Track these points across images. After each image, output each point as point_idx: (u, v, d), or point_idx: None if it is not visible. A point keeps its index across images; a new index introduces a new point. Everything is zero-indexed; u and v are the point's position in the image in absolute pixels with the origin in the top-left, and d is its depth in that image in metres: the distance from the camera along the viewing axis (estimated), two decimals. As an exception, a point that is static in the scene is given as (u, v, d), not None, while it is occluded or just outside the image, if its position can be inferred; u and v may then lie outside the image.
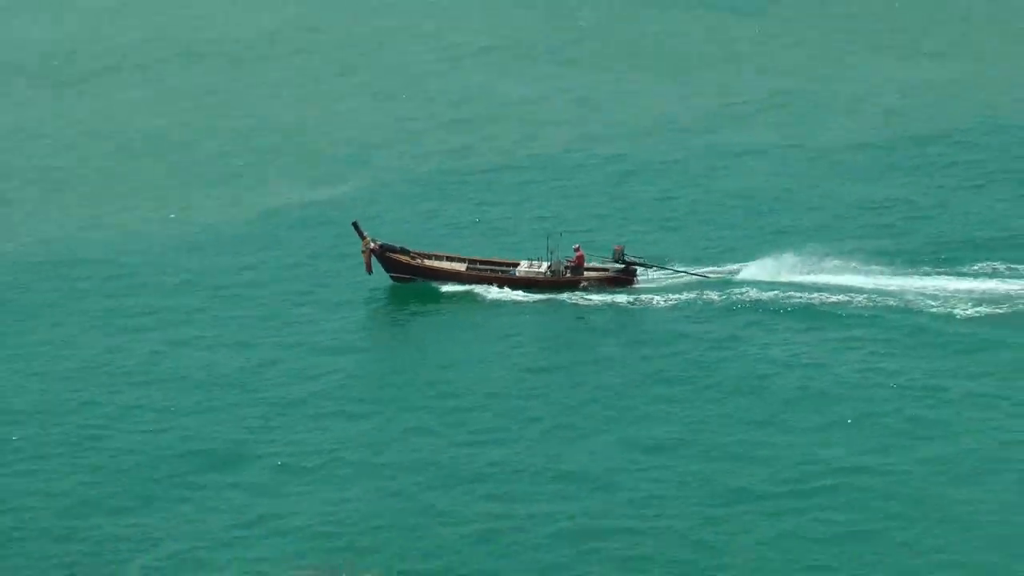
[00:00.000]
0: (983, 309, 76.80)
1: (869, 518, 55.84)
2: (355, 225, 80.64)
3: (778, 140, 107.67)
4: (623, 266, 79.35)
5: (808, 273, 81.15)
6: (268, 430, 63.76)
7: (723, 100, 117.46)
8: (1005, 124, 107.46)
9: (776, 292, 79.64)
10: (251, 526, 55.15)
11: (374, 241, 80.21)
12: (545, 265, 79.78)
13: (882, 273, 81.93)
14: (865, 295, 79.14)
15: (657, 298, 79.39)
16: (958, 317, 75.97)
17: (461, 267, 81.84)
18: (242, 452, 61.86)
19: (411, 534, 54.66)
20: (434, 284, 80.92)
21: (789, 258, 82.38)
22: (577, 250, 79.23)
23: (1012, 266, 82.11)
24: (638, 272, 79.96)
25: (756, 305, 78.36)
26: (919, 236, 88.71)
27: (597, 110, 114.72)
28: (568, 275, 79.09)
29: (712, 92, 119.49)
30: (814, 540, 54.04)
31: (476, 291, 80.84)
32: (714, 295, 79.61)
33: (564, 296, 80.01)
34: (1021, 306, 77.36)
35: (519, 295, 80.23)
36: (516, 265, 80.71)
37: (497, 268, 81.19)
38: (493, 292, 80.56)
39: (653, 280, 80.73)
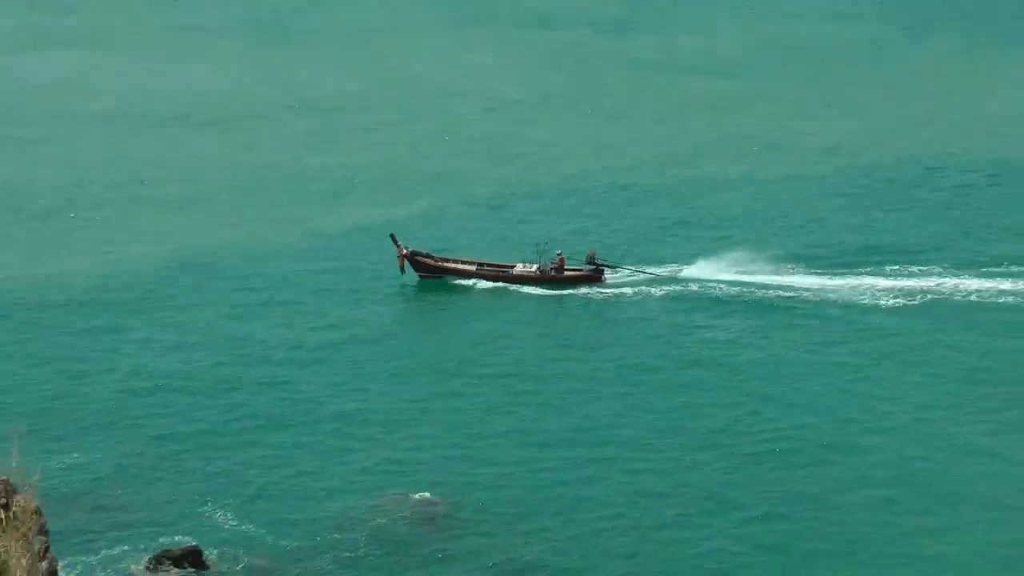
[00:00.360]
0: (889, 301, 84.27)
1: (768, 453, 65.10)
2: (392, 236, 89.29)
3: (735, 171, 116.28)
4: (593, 267, 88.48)
5: (738, 273, 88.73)
6: (352, 390, 72.39)
7: (701, 140, 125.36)
8: (914, 161, 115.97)
9: (711, 285, 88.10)
10: (346, 463, 64.01)
11: (406, 248, 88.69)
12: (535, 266, 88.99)
13: (797, 272, 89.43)
14: (780, 290, 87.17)
15: (621, 290, 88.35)
16: (860, 307, 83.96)
17: (472, 267, 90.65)
18: (322, 408, 70.36)
19: (463, 469, 63.07)
20: (450, 280, 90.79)
21: (724, 259, 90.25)
22: (559, 254, 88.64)
23: (921, 268, 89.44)
24: (605, 271, 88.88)
25: (693, 294, 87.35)
26: (838, 245, 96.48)
27: (604, 148, 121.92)
28: (552, 273, 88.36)
29: (696, 134, 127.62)
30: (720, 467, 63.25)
31: (480, 285, 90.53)
32: (662, 288, 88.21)
33: (548, 289, 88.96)
34: (921, 299, 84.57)
35: (513, 287, 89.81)
36: (513, 267, 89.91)
37: (499, 268, 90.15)
38: (494, 285, 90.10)
39: (617, 277, 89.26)
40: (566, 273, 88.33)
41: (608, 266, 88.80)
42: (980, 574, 55.88)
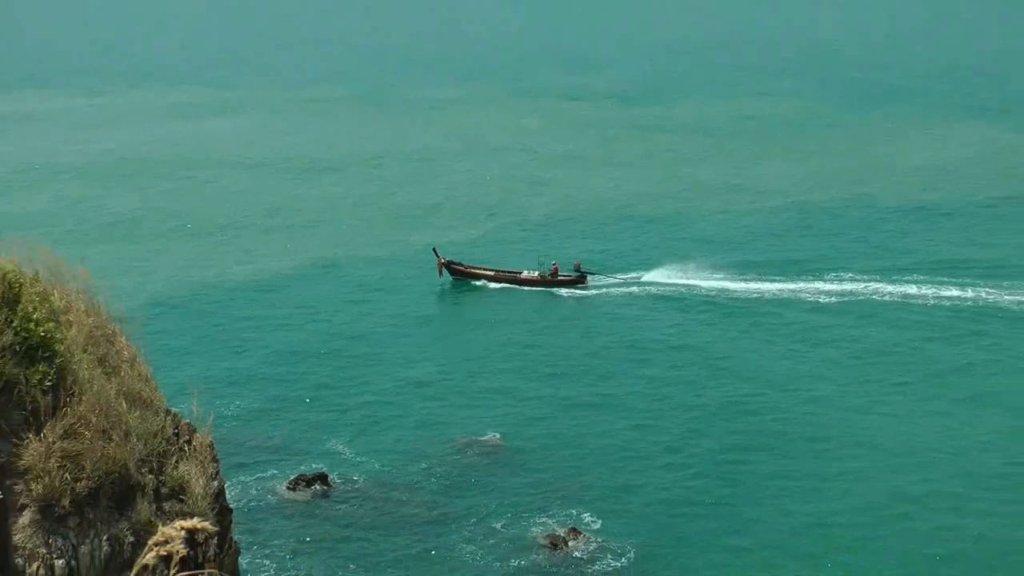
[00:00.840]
0: (813, 300, 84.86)
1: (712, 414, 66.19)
2: (434, 249, 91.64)
3: (705, 205, 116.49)
4: (579, 273, 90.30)
5: (689, 279, 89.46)
6: (421, 355, 75.12)
7: (681, 182, 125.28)
8: (839, 197, 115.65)
9: (667, 288, 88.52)
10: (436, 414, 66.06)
11: (443, 258, 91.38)
12: (536, 272, 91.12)
13: (740, 280, 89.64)
14: (716, 290, 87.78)
15: (595, 291, 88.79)
16: (787, 303, 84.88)
17: (490, 273, 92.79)
18: (406, 371, 71.69)
19: (520, 419, 63.97)
20: (474, 282, 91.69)
21: (674, 268, 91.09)
22: (554, 264, 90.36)
23: (840, 275, 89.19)
24: (587, 277, 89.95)
25: (652, 296, 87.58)
26: (769, 259, 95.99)
27: (608, 188, 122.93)
28: (549, 277, 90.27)
29: (677, 178, 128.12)
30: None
31: (495, 285, 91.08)
32: (628, 289, 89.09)
33: (544, 289, 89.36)
34: (838, 298, 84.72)
35: (520, 288, 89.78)
36: (520, 272, 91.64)
37: (510, 273, 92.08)
38: (505, 286, 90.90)
39: (596, 281, 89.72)
40: (559, 278, 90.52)
41: (590, 273, 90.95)
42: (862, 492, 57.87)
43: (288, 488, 60.71)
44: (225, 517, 24.66)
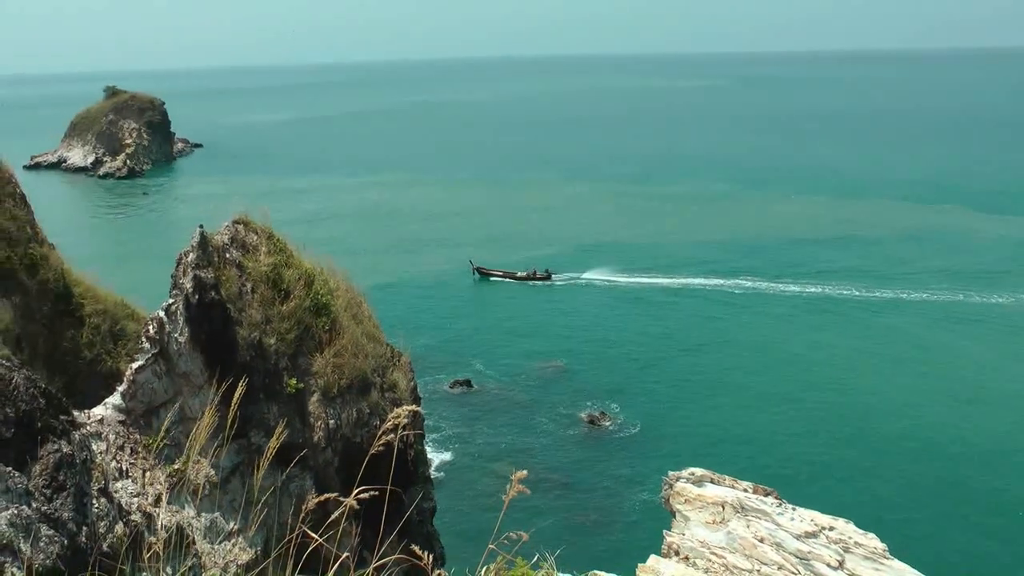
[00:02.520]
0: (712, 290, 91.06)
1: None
2: (471, 261, 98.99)
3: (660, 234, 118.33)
4: (547, 274, 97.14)
5: (619, 277, 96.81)
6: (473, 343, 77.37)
7: (653, 227, 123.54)
8: (747, 233, 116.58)
9: (601, 282, 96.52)
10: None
11: (475, 264, 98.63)
12: (526, 272, 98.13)
13: (644, 276, 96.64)
14: (629, 283, 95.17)
15: (554, 283, 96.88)
16: (682, 292, 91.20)
17: (500, 272, 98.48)
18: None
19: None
20: (491, 278, 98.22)
21: (604, 269, 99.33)
22: (535, 269, 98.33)
23: (745, 277, 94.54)
24: (552, 277, 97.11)
25: (591, 288, 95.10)
26: (677, 262, 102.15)
27: (601, 230, 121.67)
28: (534, 275, 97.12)
29: (652, 225, 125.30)
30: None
31: (501, 280, 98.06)
32: (575, 282, 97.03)
33: (532, 283, 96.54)
34: (742, 291, 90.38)
35: (515, 282, 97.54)
36: (516, 272, 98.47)
37: (511, 273, 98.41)
38: (508, 280, 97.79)
39: (554, 278, 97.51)
40: (537, 275, 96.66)
41: (552, 273, 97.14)
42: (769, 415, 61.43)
43: (449, 387, 68.36)
44: (418, 402, 28.47)
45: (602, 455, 55.04)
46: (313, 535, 5.07)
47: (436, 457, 52.41)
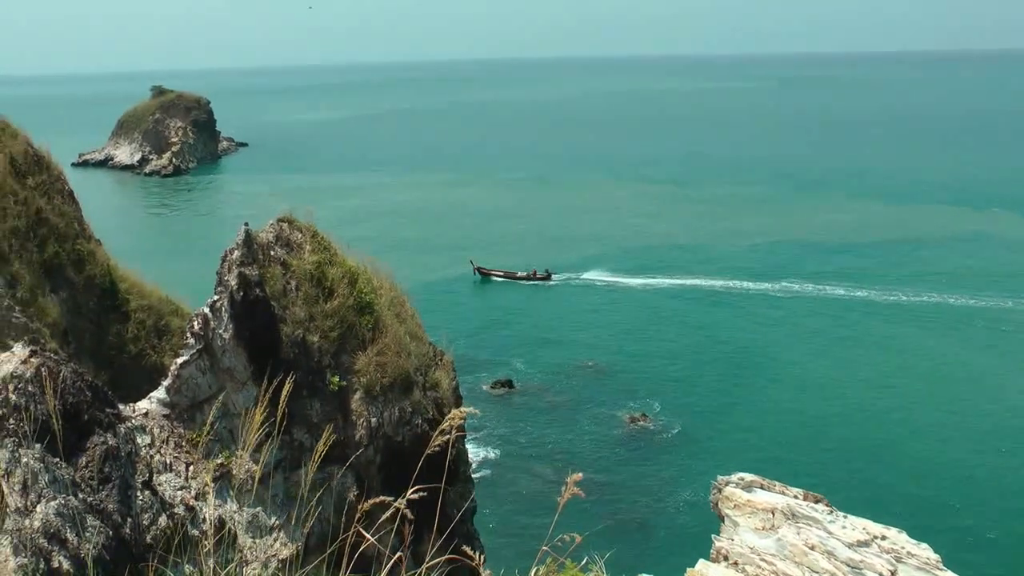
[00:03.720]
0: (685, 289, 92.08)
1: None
2: (471, 261, 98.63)
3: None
4: (547, 274, 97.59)
5: (613, 276, 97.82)
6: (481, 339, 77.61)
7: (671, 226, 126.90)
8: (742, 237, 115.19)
9: (597, 282, 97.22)
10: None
11: (475, 264, 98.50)
12: (526, 273, 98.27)
13: (696, 277, 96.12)
14: (625, 283, 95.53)
15: (552, 282, 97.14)
16: (660, 292, 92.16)
17: (501, 273, 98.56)
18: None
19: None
20: (492, 278, 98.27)
21: (599, 268, 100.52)
22: (535, 270, 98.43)
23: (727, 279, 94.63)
24: (552, 277, 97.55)
25: (589, 286, 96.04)
26: (657, 260, 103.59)
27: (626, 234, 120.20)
28: (534, 274, 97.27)
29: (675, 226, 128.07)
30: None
31: (502, 280, 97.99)
32: (574, 281, 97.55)
33: (533, 282, 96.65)
34: (718, 289, 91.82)
35: (515, 282, 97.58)
36: (517, 272, 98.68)
37: (511, 273, 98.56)
38: (509, 280, 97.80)
39: (555, 278, 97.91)
40: (537, 276, 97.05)
41: (553, 273, 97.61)
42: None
43: (490, 387, 68.62)
44: (459, 401, 28.09)
45: (645, 456, 54.78)
46: (367, 535, 4.99)
47: (476, 456, 52.21)
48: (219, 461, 20.05)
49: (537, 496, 48.49)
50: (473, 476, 34.31)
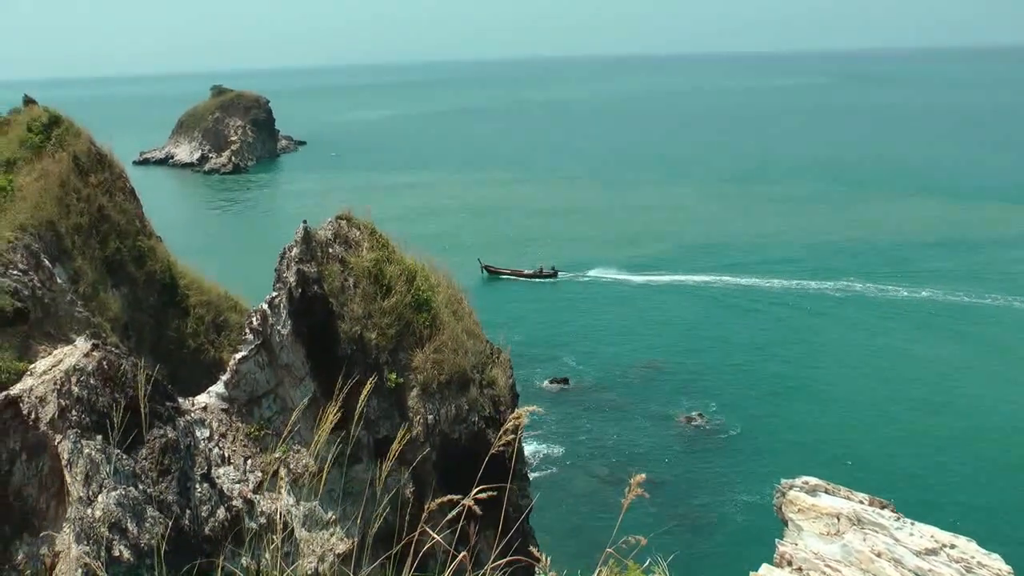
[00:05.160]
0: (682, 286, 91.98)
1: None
2: (479, 260, 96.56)
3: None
4: (553, 271, 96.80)
5: (617, 274, 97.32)
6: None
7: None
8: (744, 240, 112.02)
9: (603, 279, 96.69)
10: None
11: (483, 263, 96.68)
12: (533, 271, 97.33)
13: (578, 272, 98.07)
14: (644, 281, 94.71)
15: (560, 280, 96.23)
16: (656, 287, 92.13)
17: (508, 270, 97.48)
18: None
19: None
20: (499, 276, 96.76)
21: (601, 267, 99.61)
22: (541, 267, 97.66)
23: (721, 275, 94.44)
24: (558, 274, 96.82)
25: (594, 283, 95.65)
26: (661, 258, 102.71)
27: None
28: (541, 272, 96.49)
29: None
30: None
31: (509, 278, 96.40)
32: (580, 279, 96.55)
33: (539, 280, 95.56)
34: (711, 286, 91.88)
35: (522, 279, 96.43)
36: (523, 271, 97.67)
37: (518, 271, 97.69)
38: (516, 278, 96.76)
39: (561, 275, 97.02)
40: (543, 273, 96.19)
41: (559, 271, 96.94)
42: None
43: (548, 383, 68.72)
44: (515, 399, 28.39)
45: (702, 456, 54.32)
46: (434, 535, 4.92)
47: (532, 454, 52.39)
48: (276, 455, 20.21)
49: (593, 495, 48.33)
50: (529, 474, 34.27)
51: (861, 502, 15.23)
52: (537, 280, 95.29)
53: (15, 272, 21.10)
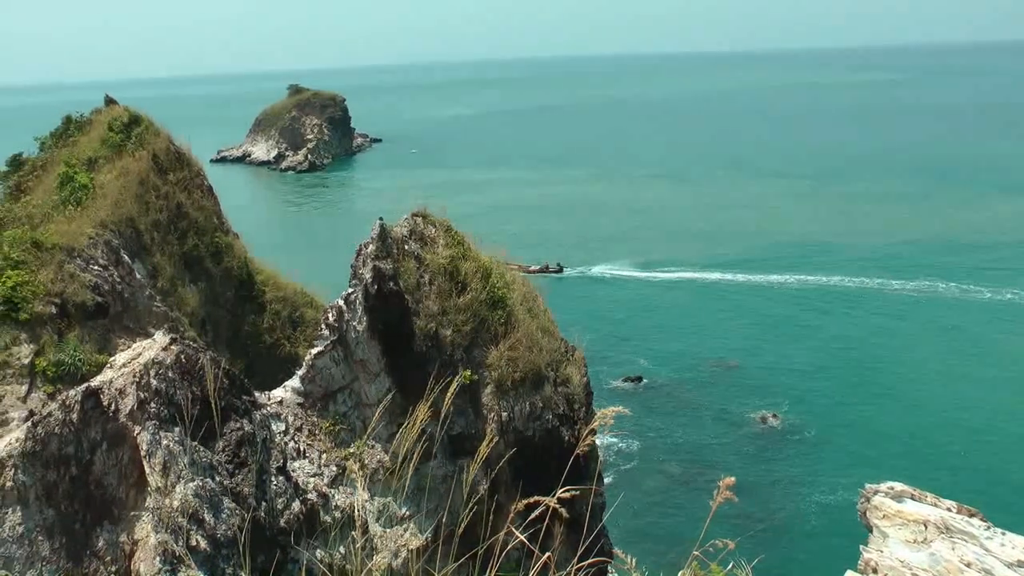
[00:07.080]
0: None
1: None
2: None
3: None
4: (559, 267, 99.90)
5: (624, 271, 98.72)
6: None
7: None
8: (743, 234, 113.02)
9: (608, 274, 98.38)
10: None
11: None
12: (539, 266, 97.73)
13: (653, 270, 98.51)
14: (653, 277, 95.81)
15: (567, 275, 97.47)
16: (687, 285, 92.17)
17: (515, 265, 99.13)
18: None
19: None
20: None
21: (604, 263, 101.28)
22: (547, 263, 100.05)
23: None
24: (564, 269, 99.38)
25: (600, 278, 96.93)
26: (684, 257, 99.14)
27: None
28: (546, 267, 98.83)
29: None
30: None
31: (521, 272, 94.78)
32: (586, 274, 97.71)
33: (548, 274, 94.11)
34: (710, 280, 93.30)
35: (528, 275, 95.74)
36: (530, 266, 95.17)
37: (526, 266, 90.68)
38: (524, 273, 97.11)
39: (566, 270, 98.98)
40: (550, 268, 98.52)
41: (563, 267, 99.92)
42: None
43: (622, 381, 68.58)
44: (589, 397, 28.10)
45: (778, 457, 53.63)
46: (519, 534, 4.81)
47: (604, 452, 51.97)
48: (351, 450, 20.29)
49: (666, 494, 48.17)
50: (603, 473, 34.00)
51: (949, 509, 14.71)
52: (545, 275, 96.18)
53: (96, 267, 21.57)
